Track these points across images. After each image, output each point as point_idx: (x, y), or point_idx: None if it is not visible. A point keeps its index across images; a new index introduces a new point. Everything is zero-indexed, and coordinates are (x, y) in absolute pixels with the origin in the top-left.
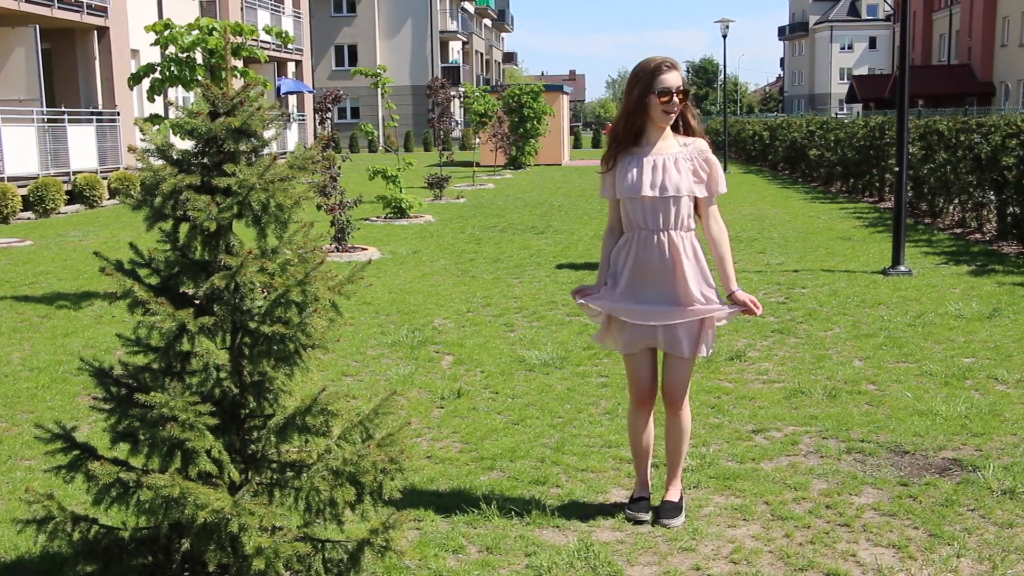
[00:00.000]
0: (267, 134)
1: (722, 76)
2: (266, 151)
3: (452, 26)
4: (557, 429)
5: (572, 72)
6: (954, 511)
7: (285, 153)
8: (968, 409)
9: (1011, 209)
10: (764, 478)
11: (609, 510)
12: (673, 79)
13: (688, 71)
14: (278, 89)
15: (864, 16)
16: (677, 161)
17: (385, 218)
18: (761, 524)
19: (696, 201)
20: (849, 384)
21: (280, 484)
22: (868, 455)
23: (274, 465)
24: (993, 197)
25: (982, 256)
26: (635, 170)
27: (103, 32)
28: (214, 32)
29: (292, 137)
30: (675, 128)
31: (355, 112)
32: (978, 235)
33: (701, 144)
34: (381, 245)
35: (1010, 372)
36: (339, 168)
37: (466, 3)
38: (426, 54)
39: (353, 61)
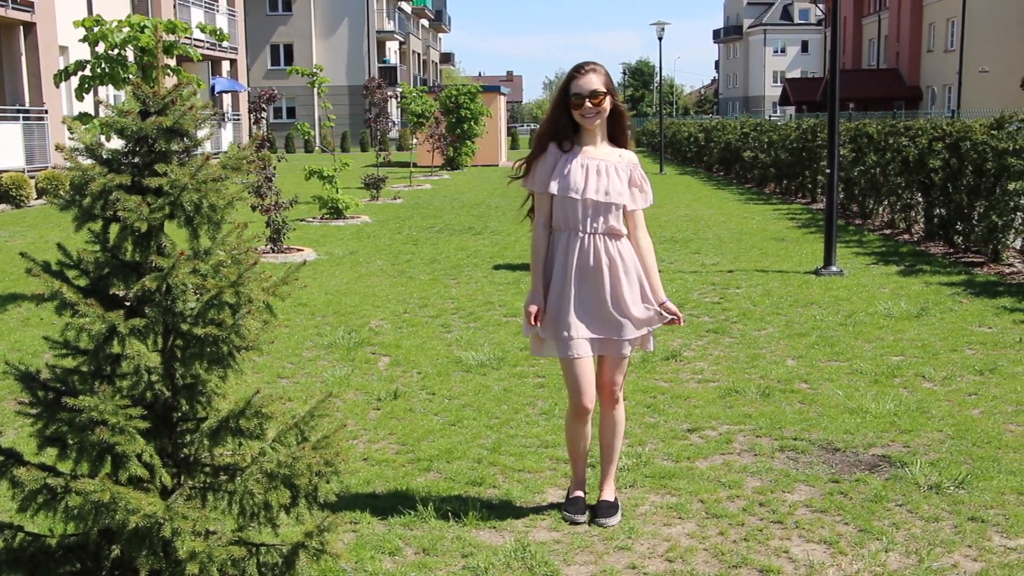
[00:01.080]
0: (200, 133)
1: (658, 78)
2: (199, 151)
3: (389, 26)
4: (494, 430)
5: (509, 73)
6: (883, 506)
7: (219, 153)
8: (897, 407)
9: (938, 211)
10: (699, 476)
11: (546, 510)
12: (587, 83)
13: (624, 73)
14: (212, 88)
15: (796, 20)
16: (618, 169)
17: (321, 219)
18: (696, 522)
19: (626, 211)
20: (782, 383)
21: (213, 488)
22: (801, 453)
23: (207, 469)
24: (921, 199)
25: (910, 256)
26: (579, 171)
27: (29, 28)
28: (146, 29)
29: (227, 137)
30: (611, 135)
31: (291, 112)
32: (907, 236)
33: (633, 157)
34: (317, 246)
35: (937, 370)
36: (274, 168)
37: (403, 3)
38: (363, 54)
39: (289, 60)
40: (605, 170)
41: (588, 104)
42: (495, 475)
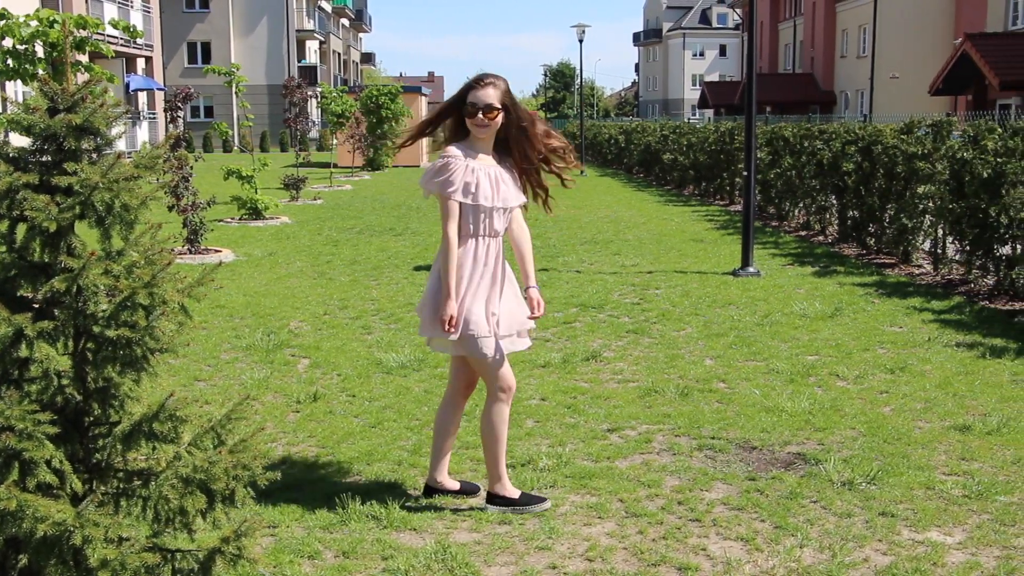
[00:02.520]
0: (112, 131)
1: (579, 80)
2: (111, 149)
3: (309, 25)
4: (414, 431)
5: (431, 74)
6: (798, 503)
7: (133, 152)
8: (811, 405)
9: (851, 213)
10: (619, 476)
11: (466, 511)
12: (484, 96)
13: (545, 75)
14: (127, 85)
15: (715, 25)
16: (507, 175)
17: (240, 219)
18: (616, 521)
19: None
20: (701, 383)
21: (127, 493)
22: (718, 451)
23: (120, 474)
24: (835, 201)
25: (825, 258)
26: (487, 179)
27: None
28: (55, 24)
29: (142, 135)
30: (498, 146)
31: (209, 111)
32: (821, 237)
33: (508, 160)
34: (236, 247)
35: (850, 369)
36: (191, 168)
37: (323, 2)
38: (282, 53)
39: (207, 59)
40: (505, 177)
41: (481, 116)
42: (416, 477)
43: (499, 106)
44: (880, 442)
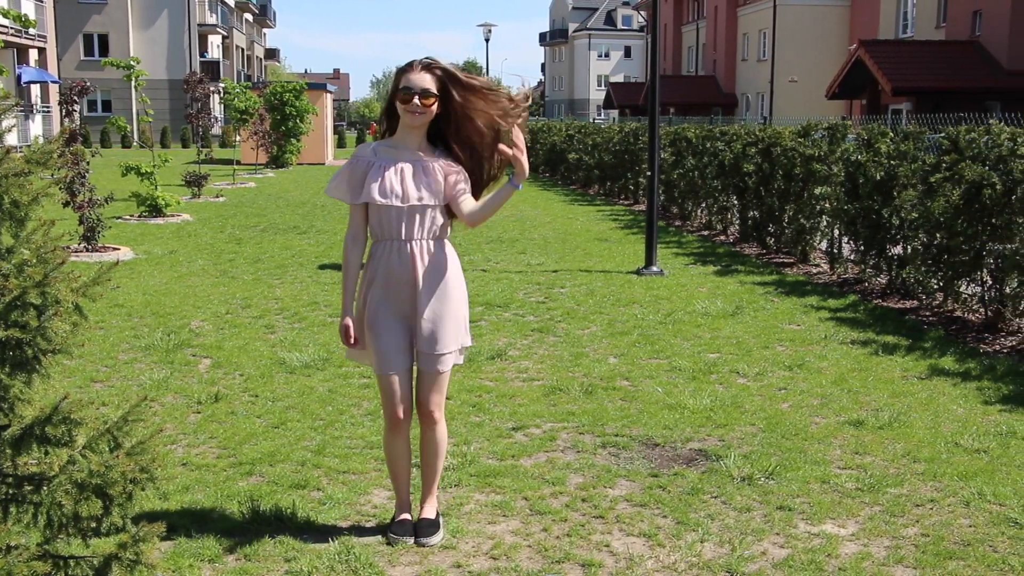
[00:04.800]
0: (1, 125)
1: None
2: (1, 143)
3: (211, 19)
4: (318, 431)
5: (336, 71)
6: (699, 499)
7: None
8: (713, 402)
9: (751, 213)
10: (523, 474)
11: (371, 512)
12: (419, 80)
13: None
14: (18, 77)
15: (620, 26)
16: (433, 167)
17: (139, 217)
18: (520, 519)
19: (453, 206)
20: (605, 380)
21: (17, 500)
22: (622, 448)
23: (10, 479)
24: (736, 201)
25: (727, 257)
26: (392, 175)
27: None
28: None
29: (35, 129)
30: (432, 137)
31: (107, 105)
32: (723, 237)
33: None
34: (135, 245)
35: (750, 366)
36: (88, 163)
37: None
38: (183, 47)
39: (104, 51)
40: (421, 171)
41: (416, 101)
42: (319, 477)
43: (436, 92)
44: (778, 438)
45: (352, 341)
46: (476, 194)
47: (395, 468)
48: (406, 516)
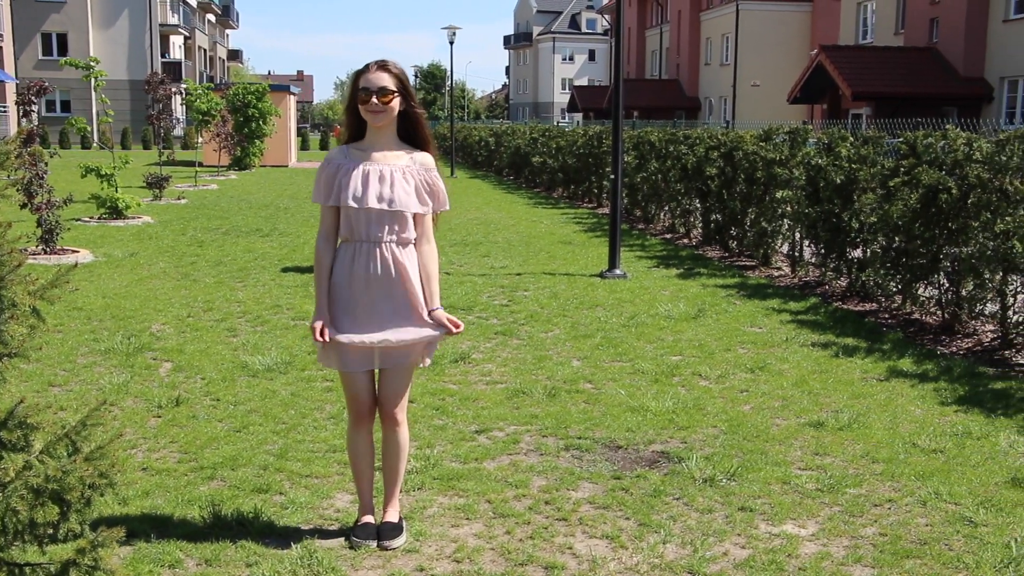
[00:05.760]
0: None
1: (450, 82)
2: None
3: (173, 19)
4: (281, 435)
5: (300, 72)
6: (661, 500)
7: None
8: (675, 404)
9: (714, 216)
10: (487, 477)
11: (334, 515)
12: (376, 79)
13: (417, 76)
14: None
15: (584, 30)
16: (405, 174)
17: (99, 219)
18: (483, 522)
19: (415, 217)
20: (568, 383)
21: None
22: (585, 451)
23: None
24: (699, 205)
25: (689, 260)
26: (361, 178)
27: None
28: None
29: None
30: (404, 137)
31: (66, 105)
32: (686, 240)
33: (428, 160)
34: (95, 247)
35: (712, 368)
36: (46, 164)
37: None
38: (145, 47)
39: (63, 51)
40: (390, 175)
41: (375, 100)
42: (282, 481)
43: (394, 88)
44: (740, 439)
45: (324, 339)
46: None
47: (358, 468)
48: (369, 519)
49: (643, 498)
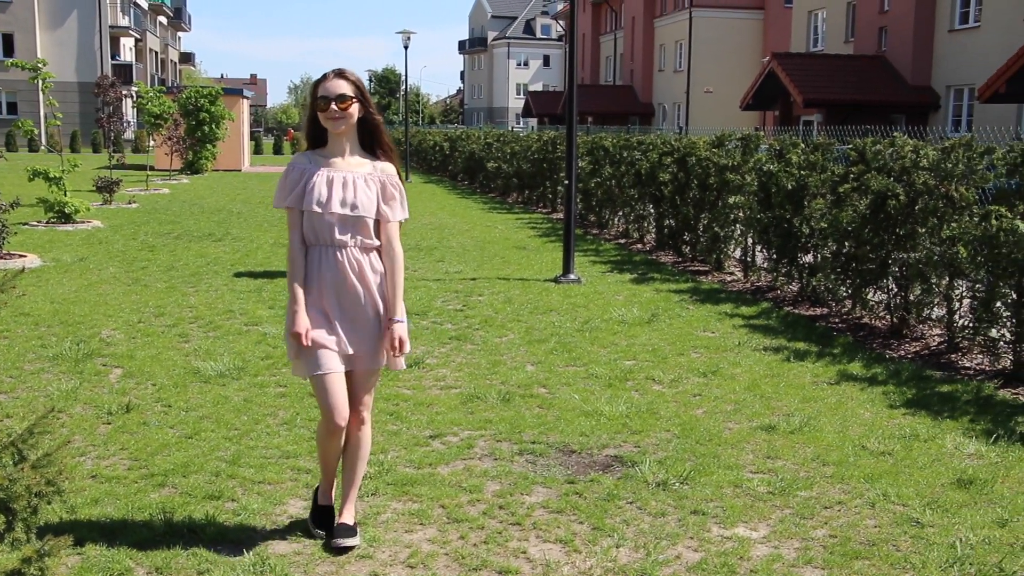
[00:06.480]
0: None
1: (404, 86)
2: None
3: (123, 21)
4: (233, 441)
5: (254, 76)
6: (615, 504)
7: None
8: (629, 408)
9: (667, 222)
10: (441, 482)
11: (287, 522)
12: (334, 87)
13: (371, 80)
14: None
15: (539, 35)
16: (367, 180)
17: (47, 223)
18: (437, 527)
19: (378, 224)
20: (522, 388)
21: None
22: (539, 455)
23: None
24: (652, 210)
25: (643, 265)
26: (325, 183)
27: None
28: None
29: None
30: (365, 146)
31: (12, 107)
32: (640, 245)
33: (389, 168)
34: (43, 252)
35: (665, 373)
36: None
37: None
38: (94, 49)
39: (8, 52)
40: (352, 182)
41: (334, 107)
42: (234, 488)
43: (352, 95)
44: (693, 443)
45: (307, 343)
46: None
47: (328, 461)
48: (329, 503)
49: (597, 502)
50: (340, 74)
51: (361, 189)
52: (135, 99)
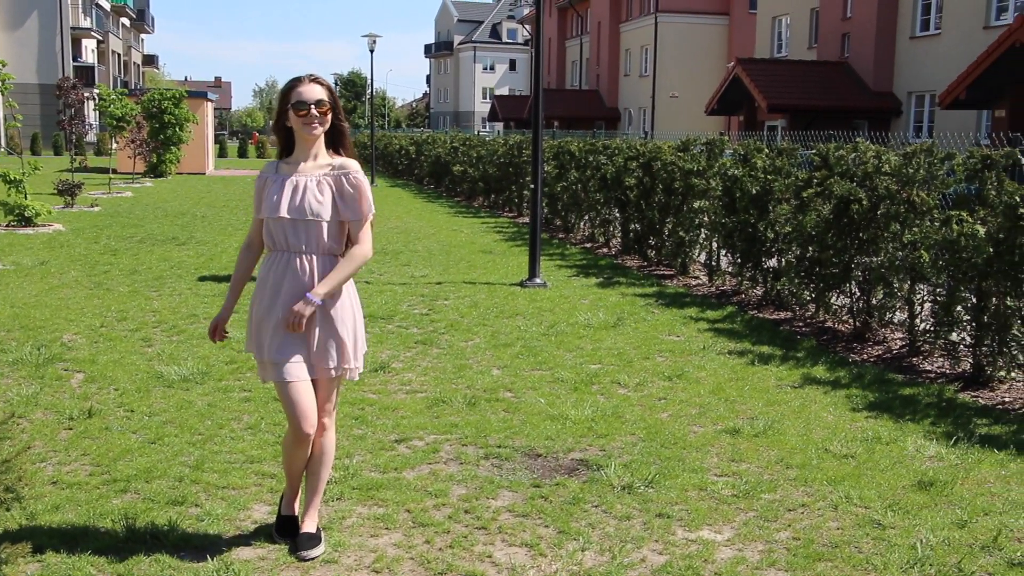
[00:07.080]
0: None
1: (370, 90)
2: None
3: (85, 23)
4: (197, 446)
5: (218, 79)
6: (580, 508)
7: None
8: (594, 412)
9: (633, 226)
10: (406, 487)
11: (251, 527)
12: (311, 92)
13: (337, 84)
14: None
15: (505, 40)
16: (320, 183)
17: (7, 226)
18: (403, 532)
19: (340, 226)
20: (488, 392)
21: None
22: (504, 459)
23: None
24: (618, 214)
25: (609, 269)
26: (278, 189)
27: None
28: None
29: None
30: (330, 147)
31: None
32: (605, 249)
33: (349, 163)
34: (2, 256)
35: (630, 376)
36: None
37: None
38: (55, 51)
39: None
40: (303, 185)
41: (314, 111)
42: (198, 493)
43: (328, 101)
44: (658, 447)
45: (216, 337)
46: None
47: (293, 469)
48: (293, 512)
49: (562, 506)
50: (315, 79)
51: (311, 192)
52: (97, 101)
